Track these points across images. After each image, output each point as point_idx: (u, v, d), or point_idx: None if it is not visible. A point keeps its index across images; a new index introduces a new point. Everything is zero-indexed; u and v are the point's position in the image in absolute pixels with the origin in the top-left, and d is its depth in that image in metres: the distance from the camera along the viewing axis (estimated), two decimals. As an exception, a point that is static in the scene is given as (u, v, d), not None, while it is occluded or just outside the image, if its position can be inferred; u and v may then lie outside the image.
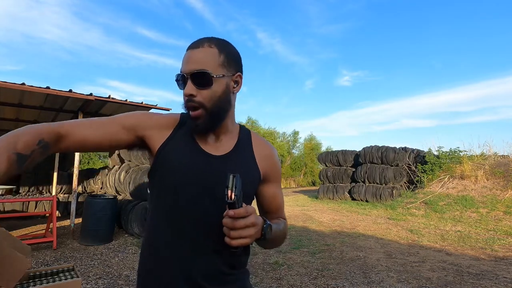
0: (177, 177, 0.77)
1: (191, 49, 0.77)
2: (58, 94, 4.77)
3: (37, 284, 2.12)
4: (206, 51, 0.76)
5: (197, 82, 0.74)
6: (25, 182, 7.72)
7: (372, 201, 10.03)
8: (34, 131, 0.63)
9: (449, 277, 3.66)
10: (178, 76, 0.77)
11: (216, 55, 0.77)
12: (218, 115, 0.78)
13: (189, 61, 0.75)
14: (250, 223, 0.65)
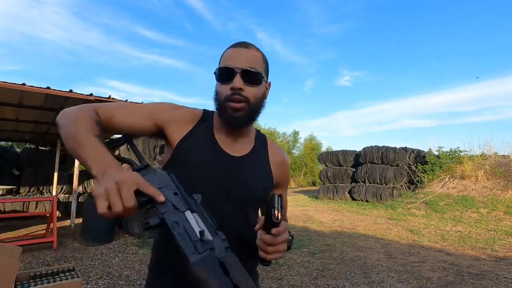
0: (197, 173, 0.79)
1: (241, 47, 0.82)
2: (58, 94, 4.77)
3: (37, 284, 2.13)
4: (255, 54, 0.83)
5: (247, 78, 0.78)
6: (25, 182, 7.73)
7: (372, 201, 10.03)
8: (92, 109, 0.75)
9: (450, 277, 3.66)
10: (223, 69, 0.80)
11: (262, 60, 0.84)
12: (255, 114, 0.83)
13: (241, 58, 0.80)
14: (285, 239, 0.70)
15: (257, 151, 0.89)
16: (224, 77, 0.80)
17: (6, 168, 7.87)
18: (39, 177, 7.92)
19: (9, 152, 8.19)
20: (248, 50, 0.82)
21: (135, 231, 5.22)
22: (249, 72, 0.78)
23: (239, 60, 0.79)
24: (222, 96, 0.79)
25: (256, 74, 0.80)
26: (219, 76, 0.81)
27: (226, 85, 0.79)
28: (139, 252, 4.45)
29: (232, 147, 0.85)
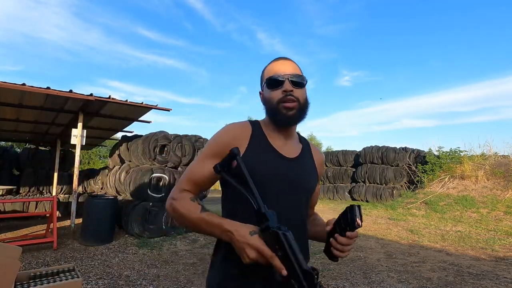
0: (263, 173, 0.88)
1: (284, 60, 0.98)
2: (58, 94, 4.77)
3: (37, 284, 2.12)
4: (295, 64, 0.99)
5: (294, 83, 0.93)
6: (25, 182, 7.72)
7: (372, 201, 10.03)
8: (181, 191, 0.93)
9: (450, 277, 3.66)
10: (273, 78, 0.93)
11: (299, 69, 0.99)
12: (305, 111, 0.96)
13: (287, 68, 0.95)
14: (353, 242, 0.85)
15: (305, 152, 1.03)
16: (274, 84, 0.93)
17: (6, 168, 7.87)
18: (39, 177, 7.91)
19: (9, 152, 8.18)
20: (290, 61, 0.98)
21: (135, 231, 5.22)
22: (296, 76, 0.93)
23: (285, 69, 0.94)
24: (275, 100, 0.92)
25: (302, 78, 0.94)
26: (270, 85, 0.94)
27: (277, 91, 0.92)
28: (139, 252, 4.45)
29: (285, 149, 0.96)
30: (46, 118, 6.54)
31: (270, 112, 0.96)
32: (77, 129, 5.45)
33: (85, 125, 5.89)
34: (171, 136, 6.20)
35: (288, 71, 0.94)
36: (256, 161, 0.89)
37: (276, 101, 0.92)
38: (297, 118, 0.94)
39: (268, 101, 0.95)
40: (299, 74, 0.95)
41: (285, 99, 0.91)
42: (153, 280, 3.40)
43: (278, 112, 0.92)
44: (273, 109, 0.93)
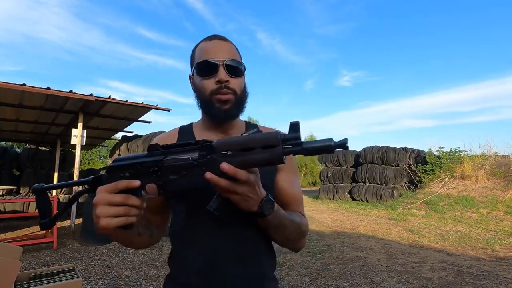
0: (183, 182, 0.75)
1: (218, 40, 0.81)
2: (58, 94, 4.77)
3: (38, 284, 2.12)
4: (232, 46, 0.83)
5: (231, 70, 0.77)
6: (25, 182, 7.73)
7: (372, 201, 10.03)
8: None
9: (450, 278, 3.65)
10: (205, 63, 0.77)
11: (238, 51, 0.84)
12: (243, 104, 0.82)
13: (222, 50, 0.78)
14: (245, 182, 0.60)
15: None
16: (206, 71, 0.77)
17: (6, 168, 7.87)
18: (39, 177, 7.92)
19: (9, 152, 8.18)
20: (225, 42, 0.81)
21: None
22: (233, 64, 0.78)
23: (221, 53, 0.78)
24: (207, 91, 0.78)
25: (239, 64, 0.79)
26: (200, 71, 0.78)
27: (209, 80, 0.77)
28: (139, 252, 4.45)
29: None
30: (46, 118, 6.54)
31: (202, 105, 0.82)
32: (77, 129, 5.45)
33: (85, 125, 5.88)
34: (171, 136, 6.20)
35: (223, 55, 0.78)
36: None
37: (208, 92, 0.78)
38: (234, 113, 0.80)
39: (199, 91, 0.80)
40: (237, 60, 0.80)
41: (219, 91, 0.76)
42: (153, 280, 3.40)
43: (211, 106, 0.78)
44: (205, 102, 0.79)
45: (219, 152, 0.58)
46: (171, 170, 0.61)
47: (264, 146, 0.56)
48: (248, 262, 0.77)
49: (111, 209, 0.57)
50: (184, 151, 0.61)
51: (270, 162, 0.56)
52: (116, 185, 0.59)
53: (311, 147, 0.55)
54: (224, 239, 0.75)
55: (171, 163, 0.61)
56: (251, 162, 0.57)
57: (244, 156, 0.57)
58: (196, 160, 0.59)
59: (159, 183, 0.62)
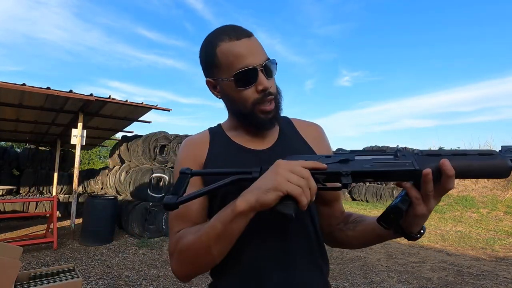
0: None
1: (247, 38, 0.69)
2: (58, 94, 4.77)
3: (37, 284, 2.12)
4: (258, 41, 0.72)
5: (268, 73, 0.68)
6: (25, 182, 7.72)
7: (372, 201, 10.03)
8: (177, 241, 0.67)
9: (450, 278, 3.66)
10: (245, 73, 0.66)
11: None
12: (281, 107, 0.74)
13: (256, 52, 0.68)
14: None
15: (285, 136, 0.78)
16: (246, 81, 0.67)
17: (6, 168, 7.87)
18: (39, 177, 7.91)
19: (9, 152, 8.18)
20: (254, 38, 0.70)
21: (135, 231, 5.22)
22: (270, 65, 0.69)
23: (255, 54, 0.67)
24: (249, 102, 0.68)
25: (274, 64, 0.70)
26: (240, 81, 0.67)
27: (249, 89, 0.67)
28: (139, 252, 4.45)
29: (256, 142, 0.75)
30: (46, 118, 6.53)
31: (242, 117, 0.73)
32: (77, 129, 5.45)
33: (85, 125, 5.88)
34: (171, 136, 6.20)
35: (258, 57, 0.67)
36: (214, 166, 0.71)
37: (250, 103, 0.68)
38: (277, 119, 0.73)
39: (237, 103, 0.70)
40: (271, 59, 0.70)
41: (264, 100, 0.67)
42: (153, 280, 3.40)
43: (255, 117, 0.69)
44: (246, 113, 0.70)
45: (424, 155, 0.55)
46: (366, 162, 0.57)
47: (480, 153, 0.53)
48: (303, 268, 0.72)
49: (302, 181, 0.52)
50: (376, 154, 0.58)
51: (493, 174, 0.52)
52: (302, 163, 0.55)
53: None
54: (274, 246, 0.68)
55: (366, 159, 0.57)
56: (472, 167, 0.53)
57: (464, 159, 0.53)
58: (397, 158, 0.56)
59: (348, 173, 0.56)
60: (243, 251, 0.67)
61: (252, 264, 0.67)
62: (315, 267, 0.75)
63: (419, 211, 0.56)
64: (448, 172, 0.51)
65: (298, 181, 0.52)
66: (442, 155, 0.53)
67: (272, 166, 0.56)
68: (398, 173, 0.55)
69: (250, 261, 0.67)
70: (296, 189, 0.51)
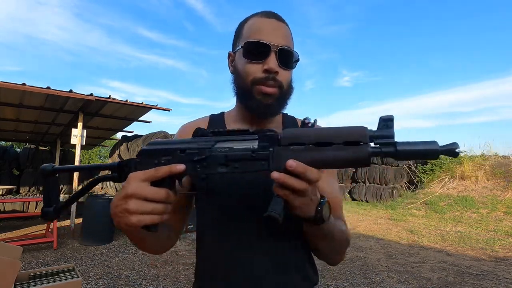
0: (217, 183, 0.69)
1: (276, 20, 0.68)
2: (58, 94, 4.77)
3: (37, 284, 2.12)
4: (289, 31, 0.70)
5: (282, 60, 0.66)
6: (25, 182, 7.73)
7: (372, 201, 10.02)
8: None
9: (450, 278, 3.66)
10: (256, 45, 0.65)
11: (292, 40, 0.71)
12: (286, 101, 0.71)
13: (278, 33, 0.66)
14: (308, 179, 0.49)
15: None
16: (255, 54, 0.65)
17: (6, 168, 7.87)
18: (39, 177, 7.90)
19: (9, 152, 8.18)
20: (284, 25, 0.69)
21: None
22: (287, 52, 0.66)
23: (275, 35, 0.65)
24: (250, 78, 0.66)
25: (293, 56, 0.68)
26: (247, 53, 0.66)
27: (256, 65, 0.65)
28: (139, 252, 4.45)
29: None
30: (46, 118, 6.53)
31: (240, 93, 0.71)
32: (77, 129, 5.45)
33: (85, 125, 5.88)
34: (171, 136, 6.20)
35: (279, 39, 0.66)
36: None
37: (251, 79, 0.66)
38: (275, 109, 0.69)
39: (240, 76, 0.69)
40: (292, 49, 0.68)
41: (265, 81, 0.65)
42: (153, 280, 3.40)
43: (251, 96, 0.67)
44: (244, 90, 0.68)
45: (286, 145, 0.48)
46: (219, 160, 0.50)
47: (346, 142, 0.45)
48: (285, 272, 0.67)
49: (148, 205, 0.48)
50: (239, 139, 0.51)
51: (352, 163, 0.46)
52: (155, 172, 0.49)
53: (409, 150, 0.43)
54: (260, 248, 0.67)
55: (223, 152, 0.50)
56: (328, 160, 0.46)
57: (319, 152, 0.46)
58: (255, 151, 0.49)
59: (203, 175, 0.51)
60: (220, 254, 0.68)
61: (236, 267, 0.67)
62: (304, 277, 0.71)
63: (297, 204, 0.50)
64: (297, 171, 0.45)
65: (154, 209, 0.49)
66: (305, 144, 0.46)
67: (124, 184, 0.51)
68: (253, 172, 0.49)
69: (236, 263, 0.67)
70: (153, 219, 0.49)
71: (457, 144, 0.43)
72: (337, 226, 0.64)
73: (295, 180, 0.46)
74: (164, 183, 0.51)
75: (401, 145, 0.44)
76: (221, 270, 0.68)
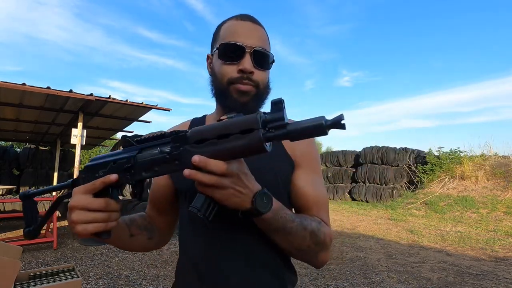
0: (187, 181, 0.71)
1: (251, 22, 0.71)
2: (58, 94, 4.77)
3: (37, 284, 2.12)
4: (264, 33, 0.73)
5: (258, 60, 0.68)
6: (25, 182, 7.73)
7: (372, 201, 10.02)
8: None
9: (450, 278, 3.66)
10: (231, 46, 0.68)
11: (268, 41, 0.74)
12: (263, 100, 0.72)
13: (253, 35, 0.69)
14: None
15: None
16: (230, 55, 0.68)
17: (6, 168, 7.87)
18: (39, 177, 7.92)
19: (9, 152, 8.18)
20: (259, 27, 0.71)
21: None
22: (262, 53, 0.69)
23: (250, 37, 0.68)
24: (226, 78, 0.68)
25: (268, 57, 0.70)
26: (223, 54, 0.69)
27: (231, 66, 0.68)
28: (139, 252, 4.45)
29: None
30: (46, 118, 6.54)
31: (217, 93, 0.72)
32: (77, 129, 5.45)
33: (85, 125, 5.88)
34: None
35: (253, 40, 0.68)
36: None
37: (227, 79, 0.68)
38: (251, 108, 0.69)
39: (216, 76, 0.71)
40: (266, 52, 0.70)
41: (240, 81, 0.67)
42: (153, 280, 3.40)
43: (227, 96, 0.69)
44: (221, 90, 0.70)
45: (193, 142, 0.50)
46: (143, 166, 0.54)
47: (242, 131, 0.46)
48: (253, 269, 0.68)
49: (88, 214, 0.52)
50: (158, 144, 0.54)
51: (248, 150, 0.47)
52: (93, 185, 0.54)
53: (298, 128, 0.45)
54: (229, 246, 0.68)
55: (143, 158, 0.54)
56: (226, 151, 0.48)
57: (218, 145, 0.48)
58: (169, 153, 0.52)
59: (132, 182, 0.55)
60: (196, 252, 0.70)
61: (208, 264, 0.69)
62: (275, 275, 0.71)
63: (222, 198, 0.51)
64: (200, 165, 0.47)
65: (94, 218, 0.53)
66: (209, 139, 0.49)
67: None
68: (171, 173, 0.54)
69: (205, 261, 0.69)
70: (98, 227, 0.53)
71: (342, 116, 0.44)
72: (298, 221, 0.63)
73: (202, 174, 0.48)
74: (103, 193, 0.55)
75: (291, 125, 0.46)
76: (193, 267, 0.70)
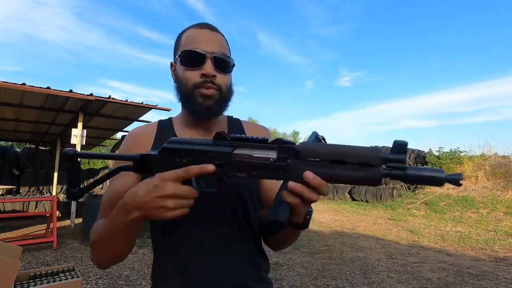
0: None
1: (210, 30, 0.75)
2: (58, 94, 4.77)
3: (37, 284, 2.12)
4: (223, 39, 0.77)
5: (218, 65, 0.72)
6: (25, 182, 7.73)
7: (372, 201, 10.02)
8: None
9: (450, 278, 3.66)
10: (191, 53, 0.71)
11: (228, 46, 0.79)
12: (227, 102, 0.76)
13: (211, 41, 0.73)
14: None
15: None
16: (191, 61, 0.72)
17: (6, 168, 7.88)
18: (39, 177, 7.92)
19: (9, 152, 8.18)
20: (217, 33, 0.76)
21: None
22: (222, 59, 0.72)
23: (210, 43, 0.72)
24: (190, 83, 0.72)
25: (229, 61, 0.74)
26: (185, 61, 0.72)
27: (193, 71, 0.71)
28: (139, 252, 4.45)
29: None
30: (46, 118, 6.54)
31: (182, 98, 0.75)
32: (77, 129, 5.46)
33: (85, 125, 5.89)
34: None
35: (212, 46, 0.72)
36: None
37: (191, 85, 0.72)
38: (216, 110, 0.74)
39: (180, 82, 0.74)
40: (226, 54, 0.74)
41: (203, 85, 0.71)
42: (153, 280, 3.40)
43: (193, 100, 0.72)
44: (186, 95, 0.73)
45: (304, 158, 0.51)
46: (240, 166, 0.53)
47: (360, 162, 0.48)
48: (238, 263, 0.72)
49: (183, 202, 0.53)
50: (258, 147, 0.53)
51: (363, 183, 0.50)
52: (187, 172, 0.52)
53: (417, 175, 0.48)
54: (203, 243, 0.71)
55: (243, 159, 0.53)
56: (340, 178, 0.50)
57: (333, 169, 0.50)
58: (276, 161, 0.52)
59: (221, 178, 0.55)
60: (177, 253, 0.71)
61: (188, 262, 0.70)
62: (252, 266, 0.75)
63: (299, 212, 0.54)
64: (313, 184, 0.49)
65: (182, 204, 0.53)
66: (322, 159, 0.50)
67: (152, 179, 0.54)
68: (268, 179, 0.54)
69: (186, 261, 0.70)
70: (181, 212, 0.53)
71: (461, 175, 0.47)
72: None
73: (310, 191, 0.50)
74: (188, 181, 0.54)
75: (411, 170, 0.48)
76: (175, 265, 0.71)
